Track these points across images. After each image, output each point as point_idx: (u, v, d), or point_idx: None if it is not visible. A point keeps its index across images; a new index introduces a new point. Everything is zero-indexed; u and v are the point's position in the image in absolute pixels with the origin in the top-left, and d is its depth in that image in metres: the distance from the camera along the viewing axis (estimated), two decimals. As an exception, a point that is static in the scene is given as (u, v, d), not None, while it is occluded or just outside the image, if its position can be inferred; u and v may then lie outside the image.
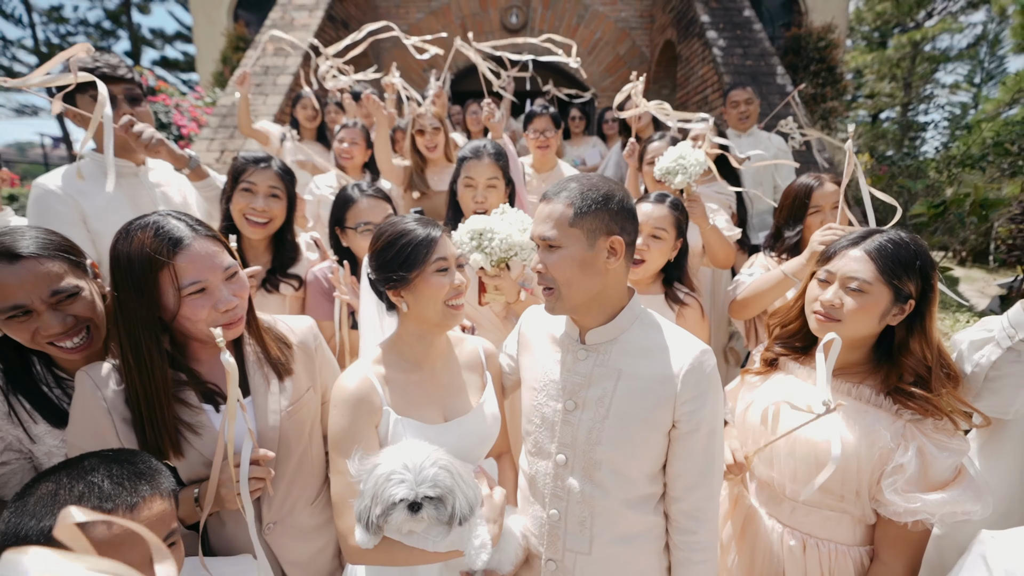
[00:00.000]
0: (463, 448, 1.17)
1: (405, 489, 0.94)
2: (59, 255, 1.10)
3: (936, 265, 1.12)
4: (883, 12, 20.31)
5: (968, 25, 20.64)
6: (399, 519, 0.94)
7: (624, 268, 1.08)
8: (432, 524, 0.98)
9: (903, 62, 20.53)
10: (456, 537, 1.04)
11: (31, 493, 0.78)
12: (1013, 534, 0.92)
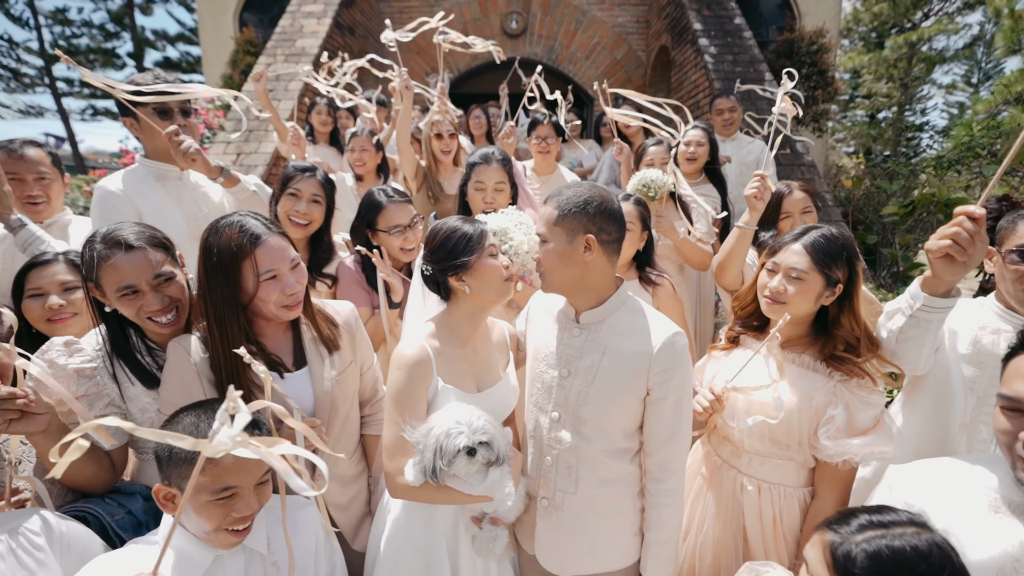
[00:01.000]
0: (491, 414, 1.42)
1: (464, 438, 1.20)
2: (160, 246, 1.36)
3: (859, 255, 1.38)
4: (880, 13, 20.50)
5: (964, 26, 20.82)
6: (462, 464, 1.20)
7: (604, 260, 1.30)
8: (481, 467, 1.24)
9: (900, 63, 20.73)
10: (488, 485, 1.29)
11: (178, 421, 1.04)
12: (912, 466, 1.18)
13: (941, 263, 1.18)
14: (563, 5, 8.05)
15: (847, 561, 0.86)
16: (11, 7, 15.13)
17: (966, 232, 1.12)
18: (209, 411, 1.04)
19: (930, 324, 1.27)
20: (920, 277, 1.27)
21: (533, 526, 1.45)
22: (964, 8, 20.02)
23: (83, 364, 1.31)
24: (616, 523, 1.39)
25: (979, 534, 0.99)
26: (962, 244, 1.13)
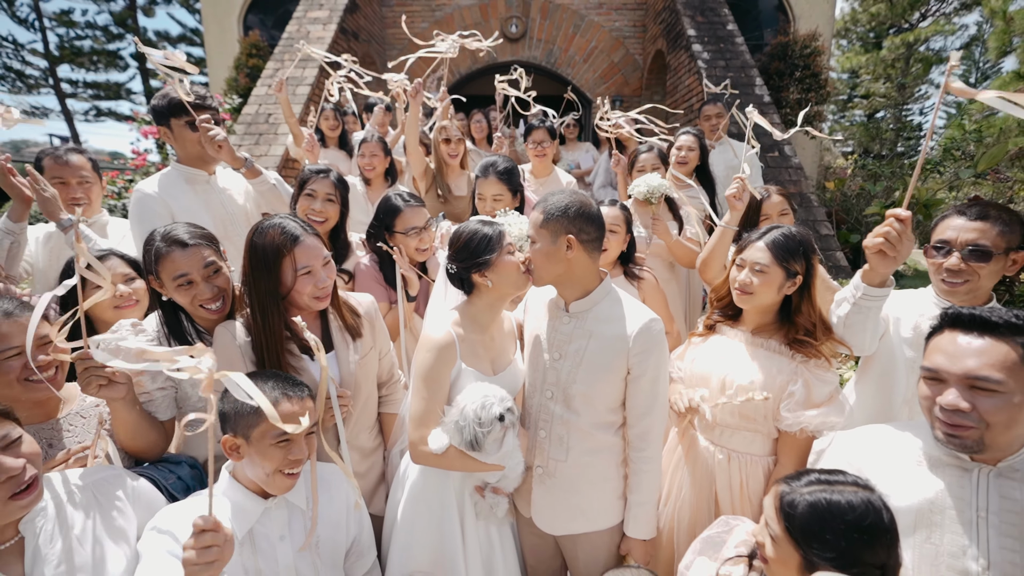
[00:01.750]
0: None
1: (497, 407, 1.41)
2: (209, 243, 1.56)
3: (816, 250, 1.58)
4: (877, 13, 20.65)
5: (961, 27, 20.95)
6: (497, 430, 1.41)
7: (585, 257, 1.49)
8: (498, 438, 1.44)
9: (897, 63, 20.87)
10: (502, 454, 1.49)
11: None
12: (855, 432, 1.38)
13: (876, 258, 1.38)
14: (562, 10, 8.24)
15: (791, 507, 1.05)
16: (16, 9, 15.32)
17: (895, 231, 1.33)
18: (260, 380, 1.23)
19: (870, 311, 1.47)
20: (861, 270, 1.47)
21: (529, 492, 1.65)
22: (961, 9, 20.17)
23: (149, 341, 1.52)
24: (602, 488, 1.59)
25: (905, 485, 1.19)
26: (892, 242, 1.34)
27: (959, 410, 1.04)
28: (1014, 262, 1.48)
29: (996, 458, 1.09)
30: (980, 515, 1.08)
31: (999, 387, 1.01)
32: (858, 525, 0.99)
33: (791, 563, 1.05)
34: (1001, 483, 1.09)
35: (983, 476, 1.10)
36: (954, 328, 1.10)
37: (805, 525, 1.02)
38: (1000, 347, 1.03)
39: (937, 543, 1.12)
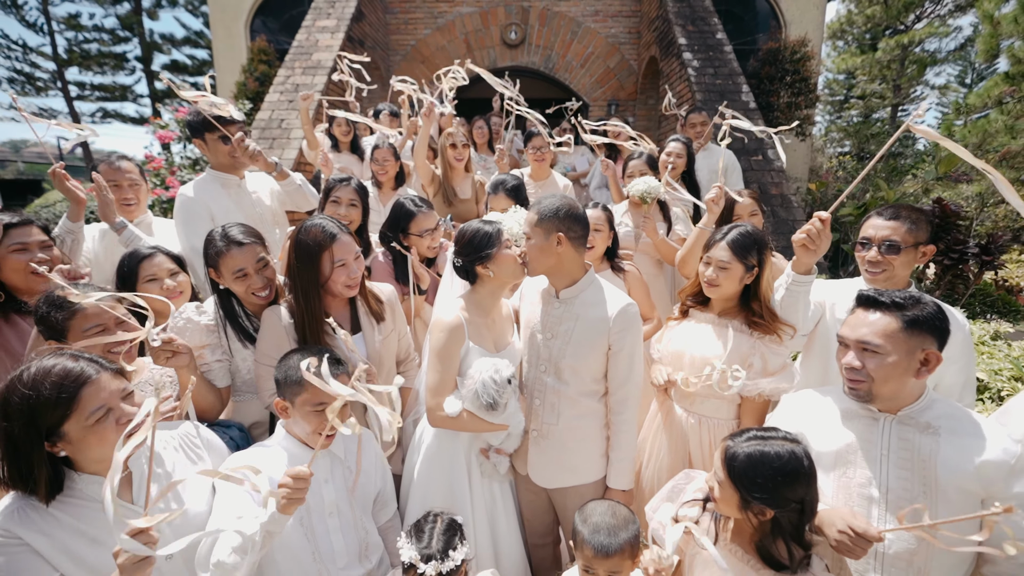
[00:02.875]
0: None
1: (506, 371, 1.69)
2: (259, 241, 1.85)
3: (769, 245, 1.87)
4: (872, 15, 20.89)
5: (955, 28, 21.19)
6: (508, 391, 1.68)
7: (572, 252, 1.76)
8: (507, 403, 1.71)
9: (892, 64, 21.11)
10: (507, 416, 1.77)
11: (289, 358, 1.52)
12: (794, 395, 1.67)
13: (801, 250, 1.68)
14: (559, 17, 8.53)
15: (732, 458, 1.32)
16: (26, 13, 15.60)
17: (815, 230, 1.63)
18: (304, 353, 1.52)
19: (799, 294, 1.76)
20: (791, 260, 1.77)
21: (526, 453, 1.93)
22: (956, 11, 20.41)
23: (208, 322, 1.81)
24: (588, 447, 1.87)
25: (829, 433, 1.48)
26: (812, 238, 1.63)
27: (853, 367, 1.33)
28: (924, 254, 1.77)
29: (895, 407, 1.38)
30: (883, 454, 1.37)
31: (879, 349, 1.30)
32: (782, 470, 1.24)
33: (732, 501, 1.32)
34: (900, 428, 1.37)
35: (887, 423, 1.39)
36: (860, 306, 1.39)
37: (742, 472, 1.28)
38: (884, 319, 1.32)
39: (851, 477, 1.40)
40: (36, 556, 1.14)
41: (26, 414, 1.10)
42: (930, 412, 1.35)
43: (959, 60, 23.53)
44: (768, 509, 1.24)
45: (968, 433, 1.30)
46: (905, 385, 1.35)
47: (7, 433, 1.11)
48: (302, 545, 1.54)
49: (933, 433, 1.32)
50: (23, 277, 1.90)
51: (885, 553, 1.33)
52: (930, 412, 1.35)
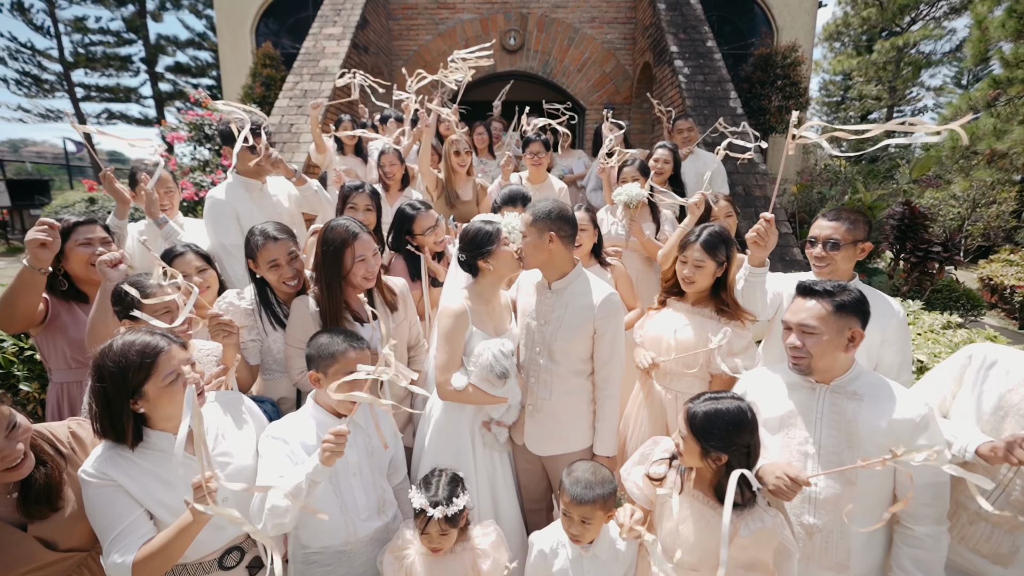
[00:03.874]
0: None
1: (509, 345, 1.96)
2: (290, 237, 2.12)
3: (735, 242, 2.14)
4: (868, 17, 21.13)
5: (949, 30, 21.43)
6: (513, 363, 1.94)
7: (562, 248, 2.02)
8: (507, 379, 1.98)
9: (888, 66, 21.33)
10: (505, 390, 2.03)
11: (318, 338, 1.78)
12: (751, 371, 1.94)
13: (753, 246, 1.96)
14: (557, 23, 8.80)
15: (693, 417, 1.59)
16: (33, 17, 15.87)
17: (763, 228, 1.90)
18: (330, 334, 1.78)
19: (756, 285, 2.03)
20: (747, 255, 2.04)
21: (523, 425, 2.20)
22: (951, 13, 20.64)
23: (247, 306, 2.08)
24: (577, 420, 2.14)
25: (776, 402, 1.74)
26: (761, 235, 1.91)
27: (796, 346, 1.60)
28: (862, 250, 2.04)
29: (828, 379, 1.65)
30: (818, 417, 1.64)
31: (814, 330, 1.57)
32: (732, 421, 1.53)
33: (695, 452, 1.59)
34: (832, 396, 1.64)
35: (822, 391, 1.66)
36: (798, 295, 1.66)
37: (701, 426, 1.55)
38: (818, 305, 1.59)
39: (792, 437, 1.67)
40: (126, 494, 1.41)
41: (117, 376, 1.37)
42: (857, 382, 1.62)
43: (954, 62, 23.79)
44: (723, 455, 1.51)
45: (885, 398, 1.57)
46: (837, 359, 1.62)
47: (102, 392, 1.38)
48: (332, 500, 1.81)
49: (858, 399, 1.59)
50: (85, 268, 2.17)
51: (817, 498, 1.60)
52: (857, 382, 1.62)
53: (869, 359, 2.06)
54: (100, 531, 1.39)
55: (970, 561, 1.63)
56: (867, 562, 1.58)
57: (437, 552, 1.79)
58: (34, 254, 1.92)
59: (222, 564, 1.61)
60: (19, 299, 1.99)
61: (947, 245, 4.32)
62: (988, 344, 1.71)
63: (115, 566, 1.35)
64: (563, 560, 1.78)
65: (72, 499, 1.44)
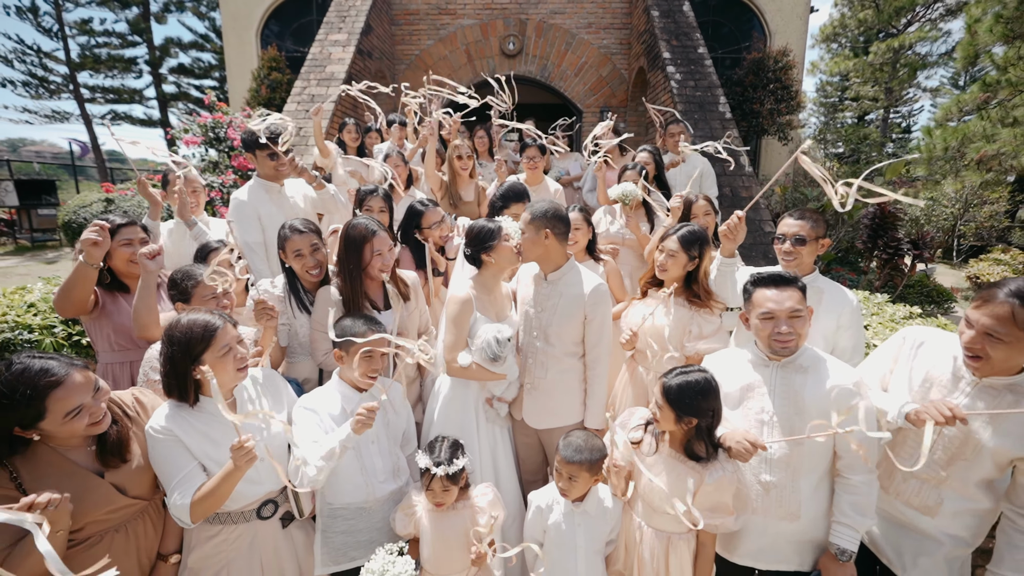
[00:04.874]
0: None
1: (507, 331, 2.21)
2: (314, 232, 2.38)
3: (708, 239, 2.41)
4: (865, 19, 21.38)
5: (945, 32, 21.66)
6: (509, 348, 2.20)
7: (556, 244, 2.28)
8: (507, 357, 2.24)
9: (885, 67, 21.58)
10: (504, 368, 2.29)
11: (342, 321, 2.04)
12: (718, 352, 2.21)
13: (724, 239, 2.23)
14: (555, 28, 9.07)
15: (667, 388, 1.84)
16: (41, 20, 16.12)
17: (733, 223, 2.17)
18: (352, 319, 2.04)
19: (727, 274, 2.30)
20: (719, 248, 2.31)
21: (521, 401, 2.46)
22: (947, 15, 20.88)
23: (279, 293, 2.35)
24: (570, 396, 2.40)
25: (738, 376, 1.99)
26: (731, 229, 2.18)
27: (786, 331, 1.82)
28: (822, 245, 2.31)
29: (782, 357, 1.90)
30: (772, 389, 1.90)
31: (800, 313, 1.83)
32: (701, 390, 1.78)
33: (670, 418, 1.84)
34: (783, 371, 1.89)
35: (775, 368, 1.91)
36: (764, 286, 1.90)
37: (675, 396, 1.80)
38: (795, 291, 1.84)
39: (750, 408, 1.93)
40: (184, 448, 1.67)
41: (183, 344, 1.64)
42: (802, 357, 1.88)
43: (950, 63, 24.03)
44: (693, 419, 1.78)
45: (825, 370, 1.83)
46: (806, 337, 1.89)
47: (171, 357, 1.65)
48: (354, 464, 2.07)
49: (804, 372, 1.85)
50: (127, 264, 2.44)
51: (771, 459, 1.86)
52: (802, 357, 1.88)
53: (826, 343, 2.32)
54: (164, 477, 1.66)
55: (903, 513, 1.89)
56: (814, 510, 1.85)
57: (440, 507, 2.04)
58: (88, 252, 2.18)
59: (259, 514, 1.88)
60: (74, 290, 2.25)
61: (916, 243, 4.59)
62: (919, 327, 1.98)
63: (176, 506, 1.62)
64: (557, 515, 2.04)
65: (138, 453, 1.70)
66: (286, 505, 1.97)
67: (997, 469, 1.71)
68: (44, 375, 1.43)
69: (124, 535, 1.68)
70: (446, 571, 2.04)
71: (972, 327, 1.62)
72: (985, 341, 1.58)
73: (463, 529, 2.06)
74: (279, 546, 1.94)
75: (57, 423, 1.46)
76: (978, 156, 11.82)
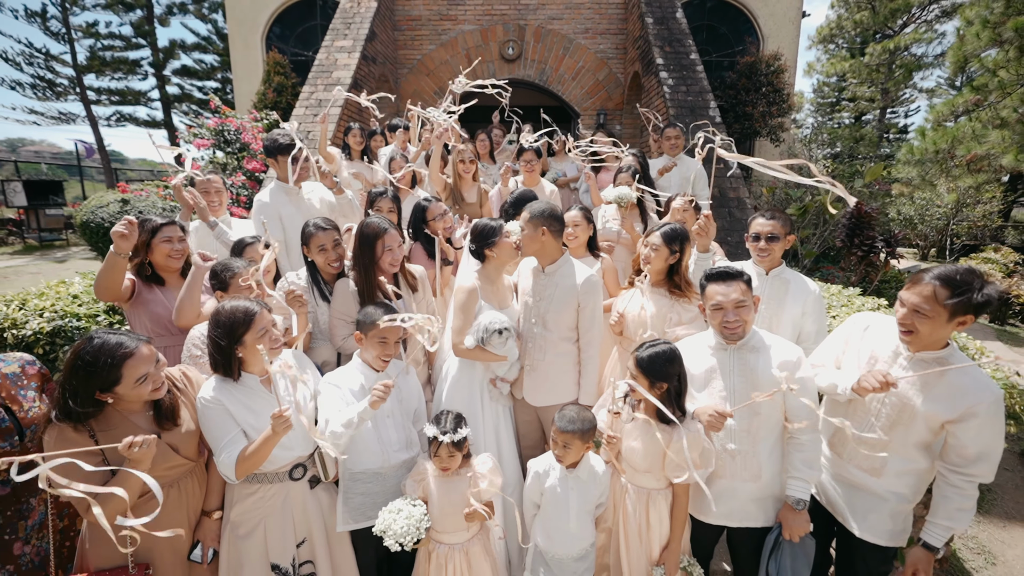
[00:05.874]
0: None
1: (497, 325, 2.47)
2: (334, 229, 2.66)
3: (689, 236, 2.68)
4: (861, 20, 21.66)
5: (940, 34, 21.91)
6: (496, 337, 2.46)
7: (552, 240, 2.54)
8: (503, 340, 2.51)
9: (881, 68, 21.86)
10: (507, 349, 2.55)
11: (365, 308, 2.31)
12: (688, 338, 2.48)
13: (697, 236, 2.50)
14: (553, 34, 9.34)
15: (640, 360, 2.10)
16: (49, 23, 16.39)
17: (703, 223, 2.44)
18: (375, 307, 2.31)
19: (701, 268, 2.57)
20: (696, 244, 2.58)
21: (522, 382, 2.73)
22: (942, 16, 21.14)
23: (303, 284, 2.62)
24: (565, 377, 2.66)
25: (702, 360, 2.25)
26: (701, 228, 2.45)
27: (735, 320, 2.10)
28: (789, 241, 2.58)
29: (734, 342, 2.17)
30: (731, 369, 2.16)
31: (745, 303, 2.09)
32: (667, 358, 2.05)
33: (645, 384, 2.09)
34: (739, 352, 2.16)
35: (732, 351, 2.18)
36: (714, 281, 2.16)
37: (647, 365, 2.06)
38: (740, 284, 2.11)
39: (714, 386, 2.19)
40: (230, 415, 1.94)
41: (228, 327, 1.91)
42: (753, 340, 2.15)
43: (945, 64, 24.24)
44: (663, 383, 2.05)
45: (775, 349, 2.10)
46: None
47: (217, 337, 1.92)
48: (372, 434, 2.33)
49: (756, 352, 2.12)
50: (165, 259, 2.70)
51: (735, 430, 2.13)
52: (753, 340, 2.15)
53: (794, 328, 2.60)
54: (212, 440, 1.93)
55: (853, 474, 2.16)
56: (771, 470, 2.12)
57: (446, 471, 2.30)
58: (117, 243, 2.43)
59: (291, 476, 2.15)
60: (106, 276, 2.49)
61: (889, 240, 4.89)
62: (868, 313, 2.25)
63: (224, 464, 1.89)
64: (553, 479, 2.31)
65: (187, 419, 1.97)
66: (313, 469, 2.24)
67: (931, 432, 1.98)
68: (120, 347, 1.70)
69: (177, 490, 1.96)
70: (451, 529, 2.30)
71: (904, 306, 1.89)
72: (914, 317, 1.85)
73: (465, 493, 2.33)
74: (307, 505, 2.21)
75: (129, 387, 1.73)
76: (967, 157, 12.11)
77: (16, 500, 1.86)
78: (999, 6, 11.45)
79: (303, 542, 2.20)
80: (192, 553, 2.03)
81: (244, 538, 2.07)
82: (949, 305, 1.77)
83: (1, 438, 1.80)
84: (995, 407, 1.83)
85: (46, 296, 2.88)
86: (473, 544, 2.30)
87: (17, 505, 1.86)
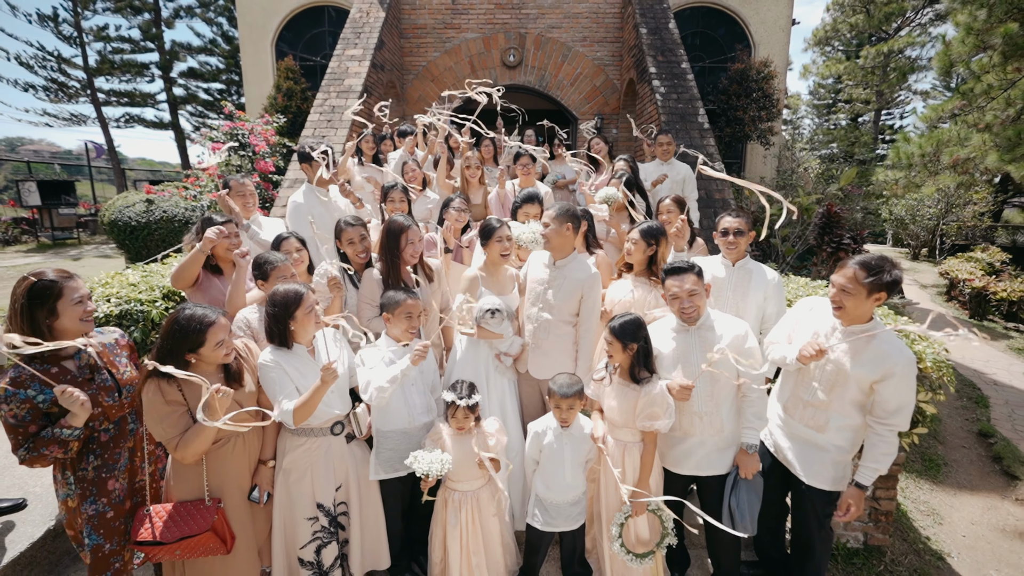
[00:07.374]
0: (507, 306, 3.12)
1: (488, 306, 2.90)
2: (362, 225, 3.09)
3: (664, 232, 3.11)
4: (857, 23, 22.08)
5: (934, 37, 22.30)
6: (488, 317, 2.89)
7: (573, 237, 2.95)
8: (496, 320, 2.94)
9: (876, 70, 22.28)
10: (500, 329, 2.99)
11: (388, 292, 2.74)
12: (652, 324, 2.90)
13: (672, 238, 2.92)
14: (552, 42, 9.77)
15: (612, 328, 2.50)
16: (61, 27, 16.81)
17: (678, 227, 2.87)
18: (396, 290, 2.74)
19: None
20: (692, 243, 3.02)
21: (527, 358, 3.16)
22: (936, 19, 21.57)
23: (337, 272, 3.05)
24: (565, 355, 3.07)
25: (669, 342, 2.67)
26: (679, 230, 2.88)
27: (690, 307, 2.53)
28: (751, 236, 3.01)
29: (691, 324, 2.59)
30: (693, 349, 2.59)
31: (697, 291, 2.51)
32: (634, 323, 2.46)
33: (618, 348, 2.50)
34: (699, 332, 2.57)
35: (693, 331, 2.60)
36: (670, 275, 2.57)
37: (619, 331, 2.47)
38: (691, 276, 2.53)
39: (679, 362, 2.63)
40: (286, 374, 2.37)
41: (282, 305, 2.34)
42: (708, 321, 2.57)
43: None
44: (634, 344, 2.48)
45: (727, 327, 2.52)
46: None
47: (273, 315, 2.35)
48: (400, 398, 2.74)
49: (711, 330, 2.54)
50: (224, 251, 3.13)
51: (702, 396, 2.55)
52: (708, 321, 2.57)
53: (758, 310, 3.03)
54: (272, 394, 2.35)
55: (803, 432, 2.58)
56: (731, 425, 2.56)
57: (461, 431, 2.72)
58: (204, 244, 2.88)
59: (332, 431, 2.58)
60: (188, 270, 2.93)
61: (855, 238, 5.34)
62: (814, 297, 2.67)
63: (285, 411, 2.31)
64: (550, 437, 2.73)
65: (249, 381, 2.39)
66: (349, 427, 2.66)
67: (862, 393, 2.40)
68: (205, 316, 2.13)
69: (241, 440, 2.38)
70: (464, 479, 2.73)
71: (834, 287, 2.32)
72: (841, 295, 2.29)
73: (476, 449, 2.76)
74: (344, 456, 2.64)
75: (210, 349, 2.15)
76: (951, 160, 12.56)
77: (114, 446, 2.29)
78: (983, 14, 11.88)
79: (340, 487, 2.63)
80: (251, 494, 2.45)
81: (296, 482, 2.50)
82: (867, 284, 2.20)
83: (106, 394, 2.22)
84: (908, 368, 2.26)
85: (110, 285, 3.31)
86: (482, 491, 2.73)
87: (115, 450, 2.29)
